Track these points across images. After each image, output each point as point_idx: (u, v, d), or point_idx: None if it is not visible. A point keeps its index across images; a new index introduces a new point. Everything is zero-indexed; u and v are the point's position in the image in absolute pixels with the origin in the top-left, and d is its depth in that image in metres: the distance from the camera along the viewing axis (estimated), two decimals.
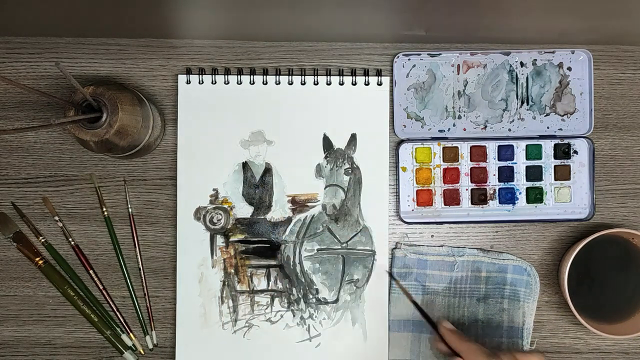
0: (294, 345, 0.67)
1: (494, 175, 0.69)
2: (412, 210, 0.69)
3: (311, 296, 0.67)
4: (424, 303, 0.68)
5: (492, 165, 0.69)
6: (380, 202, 0.68)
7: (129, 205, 0.68)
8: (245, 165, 0.67)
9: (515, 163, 0.69)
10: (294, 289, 0.67)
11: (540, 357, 0.58)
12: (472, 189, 0.69)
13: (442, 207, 0.69)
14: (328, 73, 0.68)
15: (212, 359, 0.67)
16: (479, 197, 0.69)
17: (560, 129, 0.69)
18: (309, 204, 0.68)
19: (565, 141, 0.69)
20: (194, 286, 0.67)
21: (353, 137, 0.68)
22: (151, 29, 0.66)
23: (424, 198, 0.69)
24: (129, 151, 0.62)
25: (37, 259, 0.67)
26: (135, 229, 0.68)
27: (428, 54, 0.68)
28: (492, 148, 0.69)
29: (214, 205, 0.67)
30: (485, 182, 0.69)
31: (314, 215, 0.68)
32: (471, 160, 0.69)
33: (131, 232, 0.68)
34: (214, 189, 0.67)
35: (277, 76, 0.68)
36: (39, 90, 0.55)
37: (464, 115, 0.69)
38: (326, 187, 0.68)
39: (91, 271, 0.68)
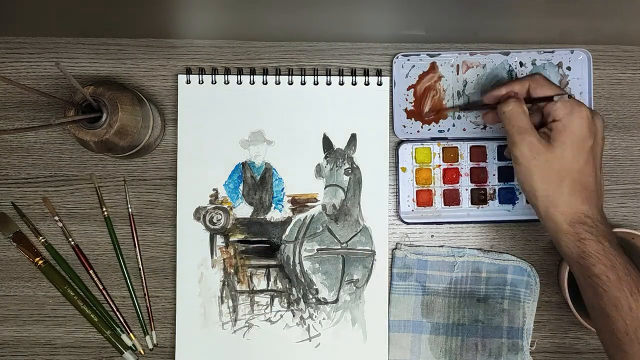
0: (293, 345, 0.67)
1: (494, 175, 0.69)
2: (412, 210, 0.69)
3: (311, 296, 0.67)
4: (424, 303, 0.68)
5: (492, 165, 0.69)
6: (380, 202, 0.68)
7: (129, 205, 0.68)
8: (245, 165, 0.68)
9: None
10: (293, 289, 0.68)
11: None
12: (472, 189, 0.69)
13: (442, 207, 0.69)
14: (328, 73, 0.68)
15: (212, 359, 0.67)
16: (479, 197, 0.69)
17: None
18: (308, 204, 0.68)
19: None
20: (193, 286, 0.67)
21: (353, 137, 0.68)
22: (151, 29, 0.66)
23: (423, 198, 0.69)
24: (129, 151, 0.62)
25: (37, 259, 0.67)
26: (135, 229, 0.68)
27: (427, 54, 0.68)
28: (491, 148, 0.69)
29: (214, 205, 0.67)
30: (485, 182, 0.69)
31: (313, 215, 0.68)
32: (471, 161, 0.69)
33: (131, 232, 0.68)
34: (214, 189, 0.67)
35: (277, 76, 0.68)
36: (39, 90, 0.56)
37: (464, 116, 0.69)
38: (326, 187, 0.68)
39: (91, 271, 0.68)
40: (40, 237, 0.68)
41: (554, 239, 0.57)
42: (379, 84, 0.68)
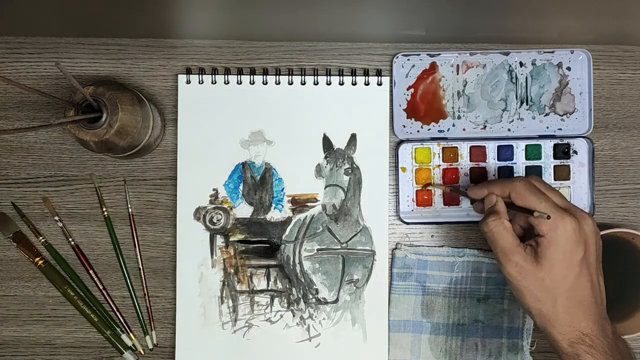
0: (293, 345, 0.67)
1: (494, 175, 0.69)
2: (412, 210, 0.69)
3: (311, 296, 0.67)
4: (424, 303, 0.68)
5: (492, 165, 0.69)
6: (380, 202, 0.68)
7: (129, 205, 0.68)
8: (245, 165, 0.68)
9: (515, 163, 0.69)
10: (293, 289, 0.68)
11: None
12: None
13: (441, 207, 0.69)
14: (328, 73, 0.68)
15: (212, 359, 0.67)
16: None
17: (560, 129, 0.69)
18: (308, 204, 0.68)
19: (565, 141, 0.69)
20: (193, 286, 0.67)
21: (353, 137, 0.68)
22: (151, 29, 0.66)
23: (423, 198, 0.69)
24: (129, 151, 0.62)
25: (37, 259, 0.67)
26: (135, 229, 0.68)
27: (427, 54, 0.68)
28: (491, 148, 0.69)
29: (214, 205, 0.67)
30: None
31: (313, 215, 0.68)
32: (471, 161, 0.69)
33: (131, 232, 0.68)
34: (214, 189, 0.67)
35: (277, 76, 0.68)
36: (39, 90, 0.55)
37: (464, 116, 0.69)
38: (326, 187, 0.68)
39: (91, 271, 0.68)
40: (40, 237, 0.68)
41: (557, 355, 0.55)
42: (379, 84, 0.68)
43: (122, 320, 0.68)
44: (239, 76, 0.68)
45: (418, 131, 0.69)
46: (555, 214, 0.54)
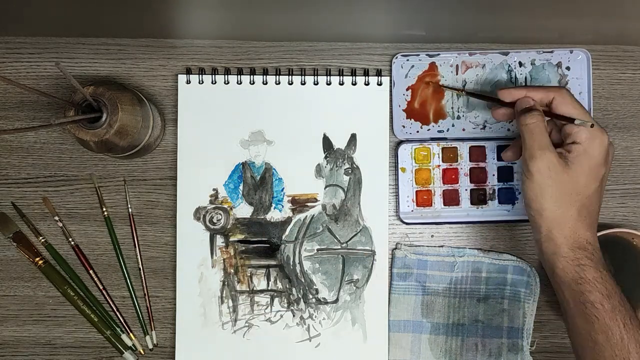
0: (293, 345, 0.67)
1: (494, 175, 0.69)
2: (412, 210, 0.69)
3: (311, 296, 0.67)
4: (424, 303, 0.68)
5: (492, 165, 0.69)
6: (380, 202, 0.68)
7: (129, 205, 0.68)
8: (245, 165, 0.68)
9: (515, 163, 0.69)
10: (293, 289, 0.68)
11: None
12: (471, 189, 0.69)
13: (441, 207, 0.69)
14: (328, 73, 0.68)
15: (212, 358, 0.67)
16: (479, 197, 0.69)
17: None
18: (308, 204, 0.68)
19: None
20: (193, 286, 0.67)
21: (353, 137, 0.68)
22: (151, 29, 0.66)
23: (423, 199, 0.69)
24: (129, 151, 0.62)
25: (37, 259, 0.67)
26: (135, 229, 0.68)
27: (426, 54, 0.68)
28: (491, 148, 0.69)
29: (214, 205, 0.67)
30: (485, 182, 0.69)
31: (313, 215, 0.68)
32: (470, 161, 0.69)
33: (131, 232, 0.68)
34: (214, 189, 0.67)
35: (277, 76, 0.68)
36: (39, 90, 0.56)
37: (463, 116, 0.69)
38: (326, 187, 0.68)
39: (91, 271, 0.68)
40: (40, 237, 0.68)
41: (549, 261, 0.57)
42: (379, 84, 0.68)
43: (122, 320, 0.68)
44: (239, 76, 0.68)
45: (417, 131, 0.69)
46: (596, 126, 0.56)
